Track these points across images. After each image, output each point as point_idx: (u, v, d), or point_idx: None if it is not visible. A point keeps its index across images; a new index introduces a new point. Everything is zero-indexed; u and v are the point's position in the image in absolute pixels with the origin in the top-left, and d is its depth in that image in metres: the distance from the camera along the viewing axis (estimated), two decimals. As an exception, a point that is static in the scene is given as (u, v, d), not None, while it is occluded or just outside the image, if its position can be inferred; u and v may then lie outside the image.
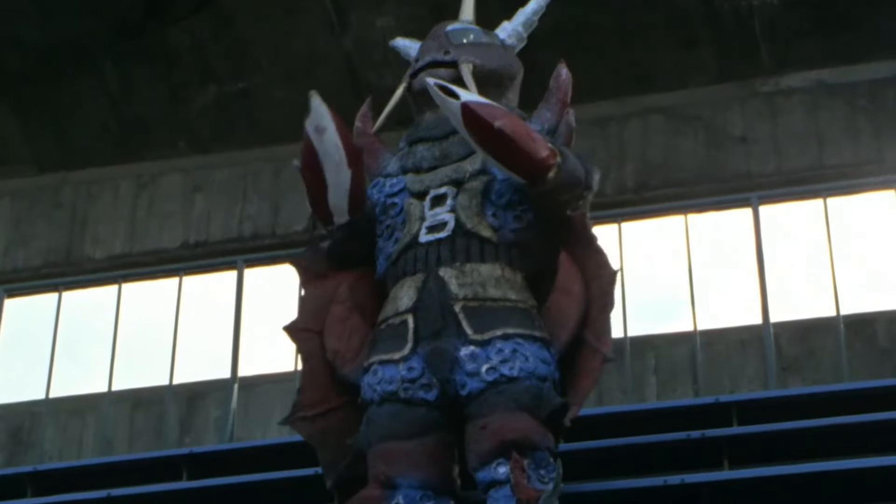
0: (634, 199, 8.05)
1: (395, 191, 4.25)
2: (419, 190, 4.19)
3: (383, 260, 4.19)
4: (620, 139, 8.41)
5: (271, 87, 8.75)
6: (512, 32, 4.60)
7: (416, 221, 4.12)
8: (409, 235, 4.11)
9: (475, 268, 3.99)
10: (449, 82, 4.27)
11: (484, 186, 4.10)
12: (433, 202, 4.14)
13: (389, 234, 4.19)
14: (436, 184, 4.17)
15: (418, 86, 4.35)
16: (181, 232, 8.86)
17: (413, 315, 3.98)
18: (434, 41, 4.46)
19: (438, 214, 4.10)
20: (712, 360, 7.37)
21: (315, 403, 4.16)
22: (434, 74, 4.31)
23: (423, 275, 4.02)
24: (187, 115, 8.99)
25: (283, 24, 8.66)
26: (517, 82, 4.50)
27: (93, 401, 8.07)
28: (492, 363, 3.87)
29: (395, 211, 4.21)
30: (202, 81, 8.91)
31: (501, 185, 4.11)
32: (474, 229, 4.04)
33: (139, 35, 8.77)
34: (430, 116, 4.36)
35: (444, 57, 4.35)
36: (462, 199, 4.10)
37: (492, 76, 4.36)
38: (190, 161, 9.05)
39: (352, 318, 4.17)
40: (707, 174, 8.18)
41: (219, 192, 8.93)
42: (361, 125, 4.50)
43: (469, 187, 4.12)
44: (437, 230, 4.07)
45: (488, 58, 4.38)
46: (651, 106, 8.43)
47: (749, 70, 8.38)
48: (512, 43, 4.59)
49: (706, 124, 8.36)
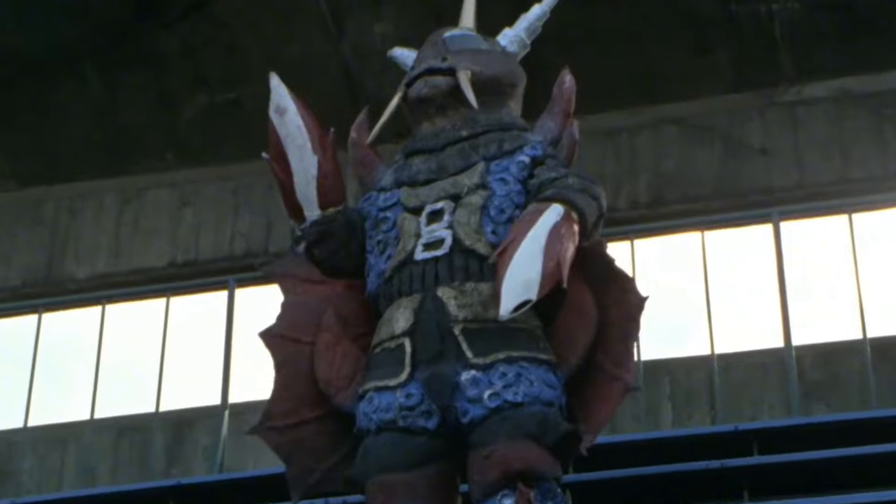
0: (647, 215, 8.03)
1: (388, 205, 4.24)
2: (414, 205, 4.18)
3: (374, 277, 4.17)
4: (632, 151, 8.40)
5: (265, 95, 8.72)
6: (514, 38, 4.60)
7: (411, 238, 4.10)
8: (404, 252, 4.08)
9: (475, 287, 3.96)
10: (445, 90, 4.26)
11: (483, 201, 4.09)
12: (429, 218, 4.12)
13: (381, 249, 4.17)
14: (432, 198, 4.16)
15: (414, 94, 4.35)
16: (169, 250, 8.85)
17: (410, 338, 3.95)
18: (431, 48, 4.46)
19: (435, 231, 4.07)
20: (731, 386, 7.34)
21: (286, 414, 4.15)
22: (431, 82, 4.31)
23: (420, 295, 3.99)
24: (176, 125, 9.00)
25: (277, 29, 8.67)
26: (519, 90, 4.49)
27: (74, 429, 8.05)
28: (494, 388, 3.84)
29: (387, 226, 4.19)
30: (192, 89, 8.92)
31: (502, 200, 4.10)
32: (473, 246, 4.01)
33: (126, 40, 8.79)
34: (427, 127, 4.35)
35: (441, 64, 4.35)
36: (460, 215, 4.08)
37: (492, 84, 4.35)
38: (178, 174, 9.05)
39: (341, 344, 4.15)
40: (724, 188, 8.16)
41: (209, 207, 8.93)
42: (356, 136, 4.50)
43: (467, 202, 4.10)
44: (434, 247, 4.04)
45: (488, 64, 4.38)
46: (664, 116, 8.43)
47: (769, 78, 8.38)
48: (514, 49, 4.58)
49: (723, 135, 8.34)
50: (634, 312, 3.99)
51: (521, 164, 4.16)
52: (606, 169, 8.13)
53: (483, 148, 4.23)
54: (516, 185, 4.13)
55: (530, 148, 4.21)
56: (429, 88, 4.32)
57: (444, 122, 4.32)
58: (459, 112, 4.31)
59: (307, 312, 4.21)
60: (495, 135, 4.26)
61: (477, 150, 4.23)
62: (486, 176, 4.14)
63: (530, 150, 4.20)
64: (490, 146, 4.23)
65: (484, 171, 4.16)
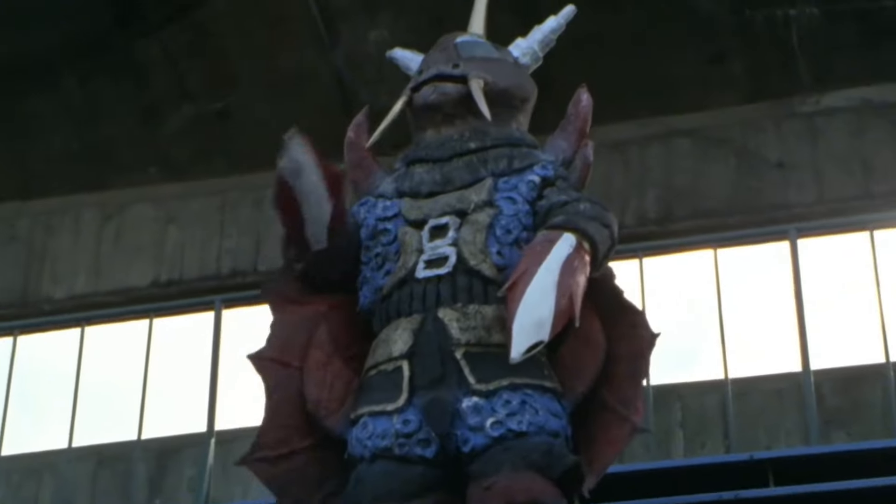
0: (657, 232, 8.06)
1: (389, 215, 4.24)
2: (416, 218, 4.19)
3: (370, 292, 4.18)
4: (641, 165, 8.43)
5: (253, 106, 8.79)
6: (527, 50, 4.62)
7: (412, 253, 4.11)
8: (405, 269, 4.10)
9: (479, 310, 3.98)
10: (455, 98, 4.28)
11: (490, 220, 4.10)
12: (433, 233, 4.14)
13: (379, 263, 4.19)
14: (436, 212, 4.17)
15: (420, 100, 4.36)
16: (152, 268, 8.87)
17: (408, 361, 3.97)
18: (442, 52, 4.48)
19: (438, 247, 4.09)
20: (746, 412, 7.35)
21: (277, 444, 4.14)
22: (440, 89, 4.33)
23: (421, 316, 4.01)
24: (159, 137, 9.02)
25: (266, 36, 8.71)
26: (530, 105, 4.52)
27: (51, 458, 8.04)
28: (497, 416, 3.85)
29: (388, 238, 4.20)
30: (176, 100, 8.95)
31: (509, 220, 4.11)
32: (478, 267, 4.03)
33: (105, 49, 8.82)
34: (431, 135, 4.37)
35: (452, 70, 4.37)
36: (465, 233, 4.09)
37: (503, 96, 4.38)
38: (162, 189, 9.07)
39: (333, 363, 4.16)
40: (739, 204, 8.19)
41: (194, 223, 8.95)
42: (354, 136, 4.50)
43: (474, 219, 4.12)
44: (437, 265, 4.06)
45: (500, 75, 4.41)
46: (675, 128, 8.45)
47: (785, 87, 8.41)
48: (526, 62, 4.61)
49: (737, 148, 8.38)
50: (644, 349, 4.03)
51: (531, 184, 4.18)
52: (614, 183, 8.16)
53: (492, 163, 4.25)
54: (525, 205, 4.15)
55: (541, 167, 4.22)
56: (438, 95, 4.34)
57: (450, 132, 4.34)
58: (468, 122, 4.33)
59: (296, 334, 4.23)
60: (504, 150, 4.28)
61: (485, 165, 4.25)
62: (494, 193, 4.16)
63: (541, 169, 4.22)
64: (499, 162, 4.25)
65: (492, 188, 4.18)
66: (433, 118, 4.34)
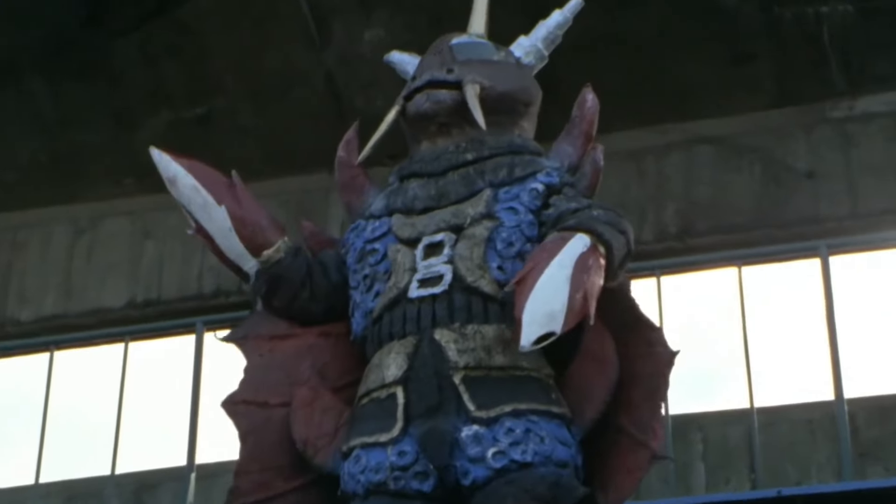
0: (677, 248, 8.09)
1: (377, 235, 4.27)
2: (409, 236, 4.21)
3: (361, 317, 4.21)
4: (660, 175, 8.45)
5: (238, 111, 8.82)
6: (530, 49, 4.63)
7: (404, 273, 4.13)
8: (396, 289, 4.12)
9: (478, 329, 3.99)
10: (450, 106, 4.31)
11: (489, 233, 4.12)
12: (427, 251, 4.15)
13: (368, 285, 4.21)
14: (430, 229, 4.19)
15: (413, 110, 4.40)
16: (127, 287, 8.90)
17: (403, 387, 3.98)
18: (435, 56, 4.50)
19: (433, 266, 4.10)
20: (773, 444, 7.36)
21: (256, 489, 4.17)
22: (433, 97, 4.35)
23: (415, 338, 4.02)
24: (135, 145, 9.03)
25: (252, 36, 8.74)
26: (534, 109, 4.53)
27: (16, 496, 8.05)
28: (500, 446, 3.86)
29: (375, 258, 4.23)
30: (154, 105, 8.98)
31: (511, 232, 4.13)
32: (476, 284, 4.04)
33: (77, 48, 8.85)
34: (426, 146, 4.39)
35: (446, 76, 4.39)
36: (462, 248, 4.11)
37: (503, 100, 4.40)
38: (138, 202, 9.09)
39: (321, 398, 4.18)
40: (765, 217, 8.22)
41: (174, 238, 8.96)
42: (345, 154, 4.52)
43: (470, 234, 4.13)
44: (431, 284, 4.07)
45: (500, 78, 4.43)
46: (697, 135, 8.48)
47: (817, 90, 8.44)
48: (529, 62, 4.62)
49: (764, 157, 8.40)
50: (662, 368, 4.03)
51: (534, 193, 4.20)
52: (629, 195, 8.19)
53: (490, 173, 4.26)
54: (528, 215, 4.17)
55: (545, 174, 4.24)
56: (431, 103, 4.36)
57: (446, 143, 4.36)
58: (465, 132, 4.35)
59: (277, 372, 4.26)
60: (505, 159, 4.30)
61: (483, 176, 4.26)
62: (492, 204, 4.18)
63: (545, 176, 4.24)
64: (498, 171, 4.26)
65: (490, 199, 4.19)
66: (427, 128, 4.36)
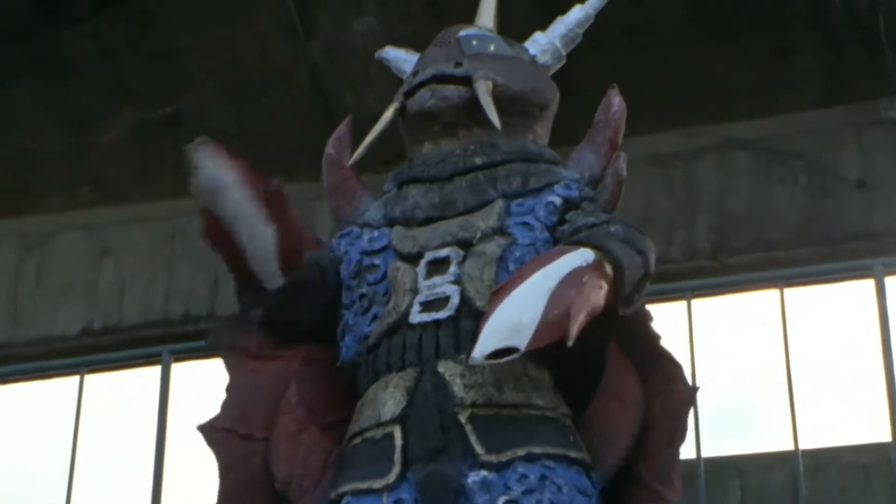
0: (710, 267, 8.09)
1: (376, 248, 4.30)
2: (410, 250, 4.24)
3: (353, 342, 4.23)
4: (690, 184, 8.46)
5: (210, 111, 8.83)
6: (547, 47, 4.68)
7: (405, 294, 4.16)
8: (396, 313, 4.14)
9: (488, 362, 4.02)
10: (458, 104, 4.34)
11: (501, 251, 4.15)
12: (430, 268, 4.18)
13: (365, 307, 4.24)
14: (434, 243, 4.22)
15: (415, 107, 4.42)
16: (83, 312, 8.90)
17: (401, 427, 4.00)
18: (441, 49, 4.55)
19: (438, 286, 4.13)
20: (822, 492, 7.37)
21: None
22: (439, 93, 4.38)
23: (416, 370, 4.04)
24: (93, 150, 9.06)
25: (226, 26, 8.76)
26: (550, 112, 4.57)
27: (-43, 548, 8.08)
28: (512, 494, 3.88)
29: (375, 276, 4.26)
30: (114, 104, 8.99)
31: (525, 250, 4.16)
32: (486, 308, 4.01)
33: (26, 41, 8.86)
34: (429, 149, 4.44)
35: (454, 70, 4.44)
36: (471, 267, 4.14)
37: (517, 102, 4.45)
38: (96, 215, 9.11)
39: (307, 432, 4.20)
40: (811, 232, 8.22)
41: (136, 256, 8.98)
42: (334, 152, 4.56)
43: (481, 251, 4.17)
44: (436, 308, 4.10)
45: (513, 76, 4.47)
46: (732, 138, 8.49)
47: (869, 88, 8.45)
48: (546, 61, 4.66)
49: (809, 163, 8.41)
50: (680, 408, 4.07)
51: (551, 207, 4.25)
52: (655, 207, 8.19)
53: (503, 182, 4.31)
54: (543, 232, 4.22)
55: (563, 187, 4.28)
56: (436, 100, 4.41)
57: (451, 145, 4.41)
58: (473, 133, 4.40)
59: (260, 398, 4.27)
60: (518, 166, 4.35)
61: (495, 184, 4.30)
62: (505, 218, 4.23)
63: (563, 189, 4.27)
64: (512, 180, 4.31)
65: (503, 212, 4.24)
66: (430, 129, 4.41)
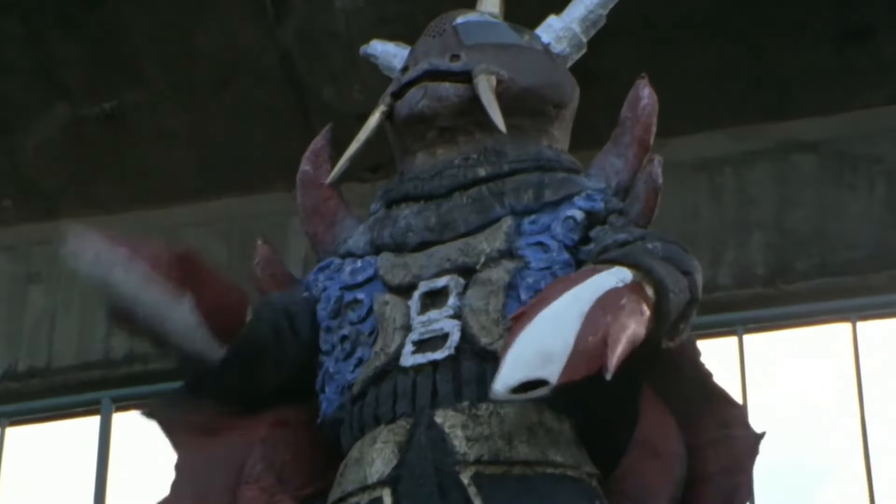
0: (766, 296, 8.09)
1: (360, 280, 4.32)
2: (402, 281, 4.26)
3: (335, 393, 4.25)
4: (740, 195, 8.47)
5: (160, 108, 8.85)
6: (563, 34, 4.71)
7: (395, 332, 4.17)
8: (385, 355, 4.15)
9: (495, 410, 4.01)
10: (456, 105, 4.35)
11: (510, 278, 4.16)
12: (425, 301, 4.20)
13: (348, 350, 4.26)
14: (430, 272, 4.24)
15: (405, 110, 4.43)
16: (5, 351, 8.91)
17: (391, 490, 4.00)
18: (435, 39, 4.59)
19: (434, 321, 4.15)
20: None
21: None
22: (433, 91, 4.39)
23: (409, 421, 4.05)
24: (17, 154, 9.08)
25: (180, 8, 8.77)
26: (569, 111, 4.59)
27: None
28: (523, 573, 3.93)
29: (358, 313, 4.27)
30: (44, 99, 9.01)
31: (539, 276, 4.17)
32: (493, 347, 4.06)
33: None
34: (423, 159, 4.47)
35: (450, 64, 4.48)
36: (474, 298, 4.15)
37: (527, 99, 4.48)
38: (21, 232, 9.12)
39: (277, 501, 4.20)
40: (889, 254, 8.23)
41: (70, 284, 8.98)
42: (311, 169, 4.60)
43: (486, 278, 4.18)
44: (432, 347, 4.11)
45: (522, 69, 4.50)
46: (791, 139, 8.50)
47: (958, 80, 8.48)
48: (562, 50, 4.70)
49: (888, 170, 8.42)
50: (743, 460, 4.12)
51: (570, 223, 4.25)
52: (699, 222, 8.19)
53: (511, 196, 4.33)
54: (562, 253, 4.22)
55: (584, 199, 4.29)
56: (430, 101, 4.43)
57: (450, 154, 4.43)
58: (475, 140, 4.42)
59: (217, 476, 4.30)
60: (530, 177, 4.37)
61: (502, 199, 4.32)
62: (514, 238, 4.24)
63: (585, 201, 4.28)
64: (522, 194, 4.33)
65: (512, 231, 4.25)
66: (424, 135, 4.44)
